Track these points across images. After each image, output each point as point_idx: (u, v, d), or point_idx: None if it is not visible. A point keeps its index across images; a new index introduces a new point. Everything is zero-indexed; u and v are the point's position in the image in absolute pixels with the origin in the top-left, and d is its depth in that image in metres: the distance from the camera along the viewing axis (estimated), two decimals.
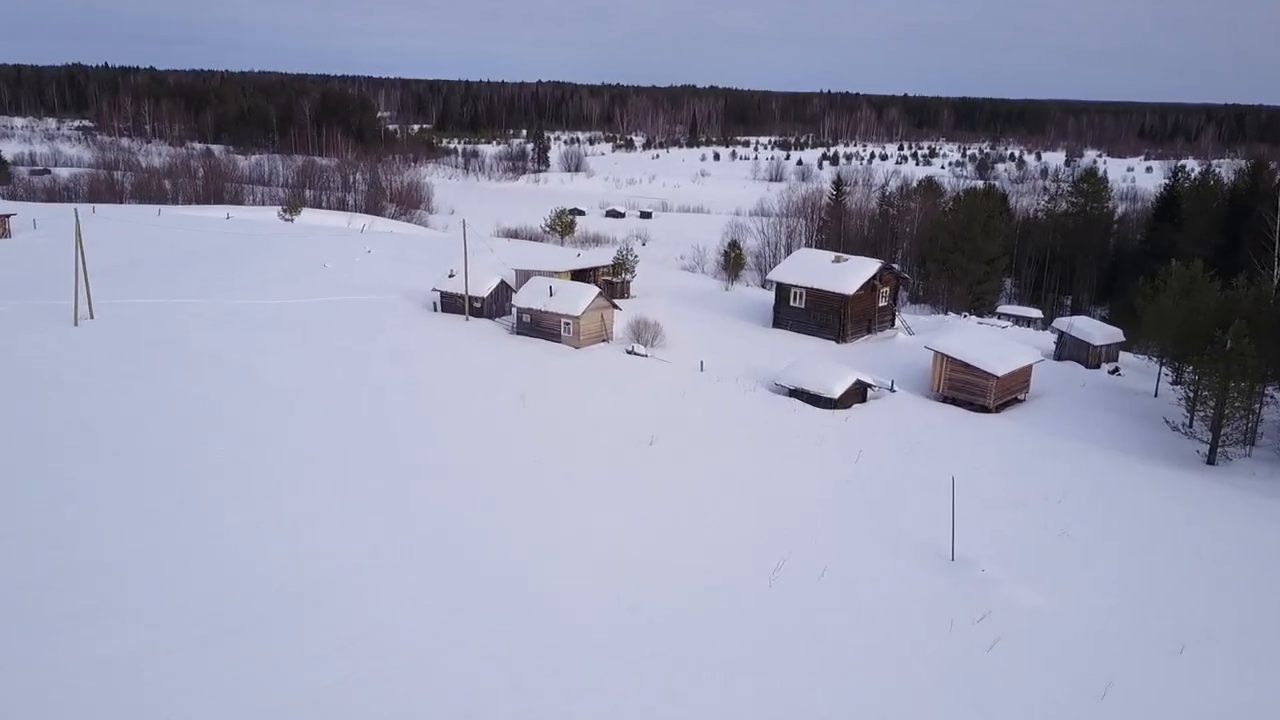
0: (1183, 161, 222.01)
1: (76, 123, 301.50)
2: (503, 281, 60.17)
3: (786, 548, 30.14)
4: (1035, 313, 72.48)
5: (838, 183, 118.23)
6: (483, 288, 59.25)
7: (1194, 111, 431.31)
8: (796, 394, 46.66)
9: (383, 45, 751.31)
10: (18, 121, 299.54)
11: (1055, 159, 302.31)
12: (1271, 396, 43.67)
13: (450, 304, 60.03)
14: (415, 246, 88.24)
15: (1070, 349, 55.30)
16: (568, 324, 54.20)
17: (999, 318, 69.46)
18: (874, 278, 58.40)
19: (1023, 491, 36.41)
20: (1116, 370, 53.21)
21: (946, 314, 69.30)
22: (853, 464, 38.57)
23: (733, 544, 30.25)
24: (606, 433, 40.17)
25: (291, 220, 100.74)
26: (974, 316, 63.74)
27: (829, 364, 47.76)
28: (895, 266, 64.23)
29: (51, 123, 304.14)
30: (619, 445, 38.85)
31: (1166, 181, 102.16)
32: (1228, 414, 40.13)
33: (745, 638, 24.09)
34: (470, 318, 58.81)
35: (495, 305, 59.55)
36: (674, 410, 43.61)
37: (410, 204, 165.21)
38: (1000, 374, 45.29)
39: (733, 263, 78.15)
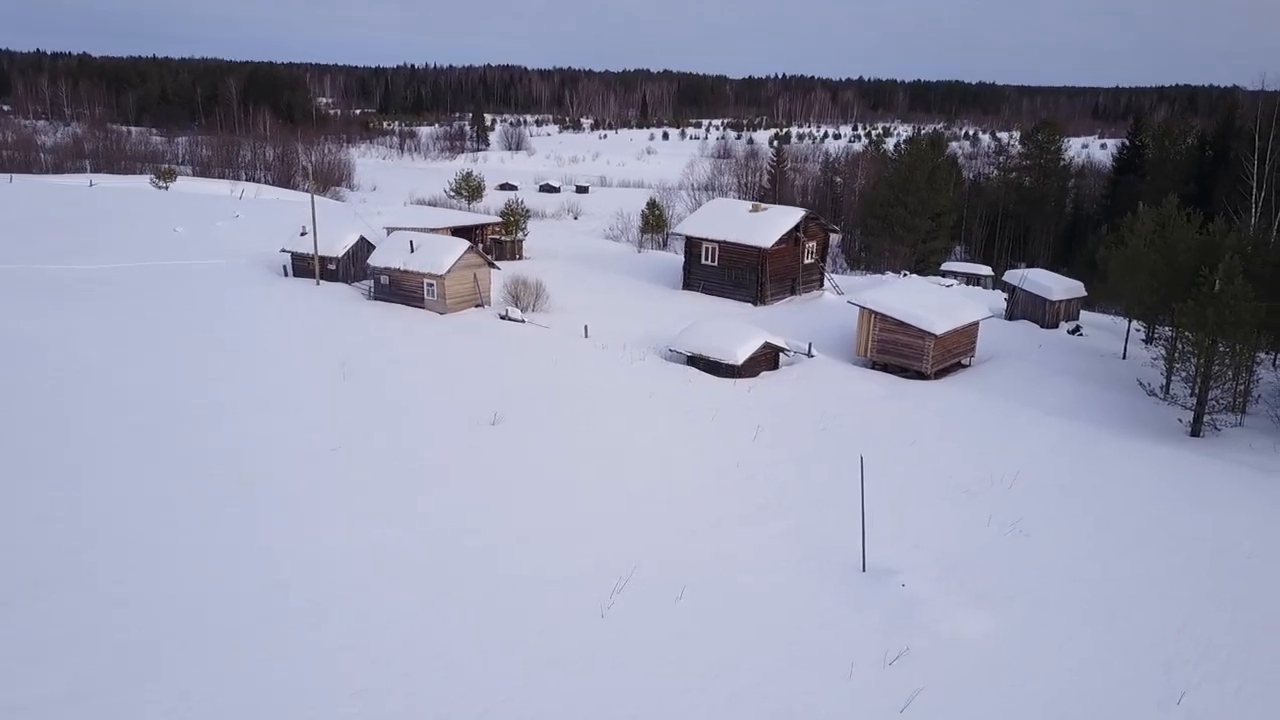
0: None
1: None
2: (362, 239, 50.99)
3: (637, 559, 21.67)
4: (984, 269, 64.15)
5: (779, 148, 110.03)
6: (337, 246, 50.11)
7: (1146, 93, 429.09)
8: (695, 361, 38.20)
9: (332, 35, 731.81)
10: None
11: (1010, 137, 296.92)
12: (1263, 356, 35.90)
13: (303, 266, 50.80)
14: (298, 212, 78.52)
15: (1024, 306, 47.27)
16: (431, 285, 45.24)
17: (944, 276, 61.23)
18: (796, 229, 49.92)
19: (965, 475, 28.19)
20: (1078, 330, 45.32)
21: (884, 274, 61.18)
22: (749, 444, 30.15)
23: (561, 557, 21.73)
24: (441, 410, 31.41)
25: (166, 187, 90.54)
26: (915, 275, 55.61)
27: (734, 325, 39.31)
28: (822, 218, 55.65)
29: None
30: (451, 426, 30.13)
31: (1128, 134, 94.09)
32: (1216, 373, 32.25)
33: (548, 703, 15.63)
34: (322, 281, 49.64)
35: (354, 266, 50.41)
36: (537, 383, 34.93)
37: (330, 180, 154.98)
38: (939, 332, 37.12)
39: (651, 224, 69.47)
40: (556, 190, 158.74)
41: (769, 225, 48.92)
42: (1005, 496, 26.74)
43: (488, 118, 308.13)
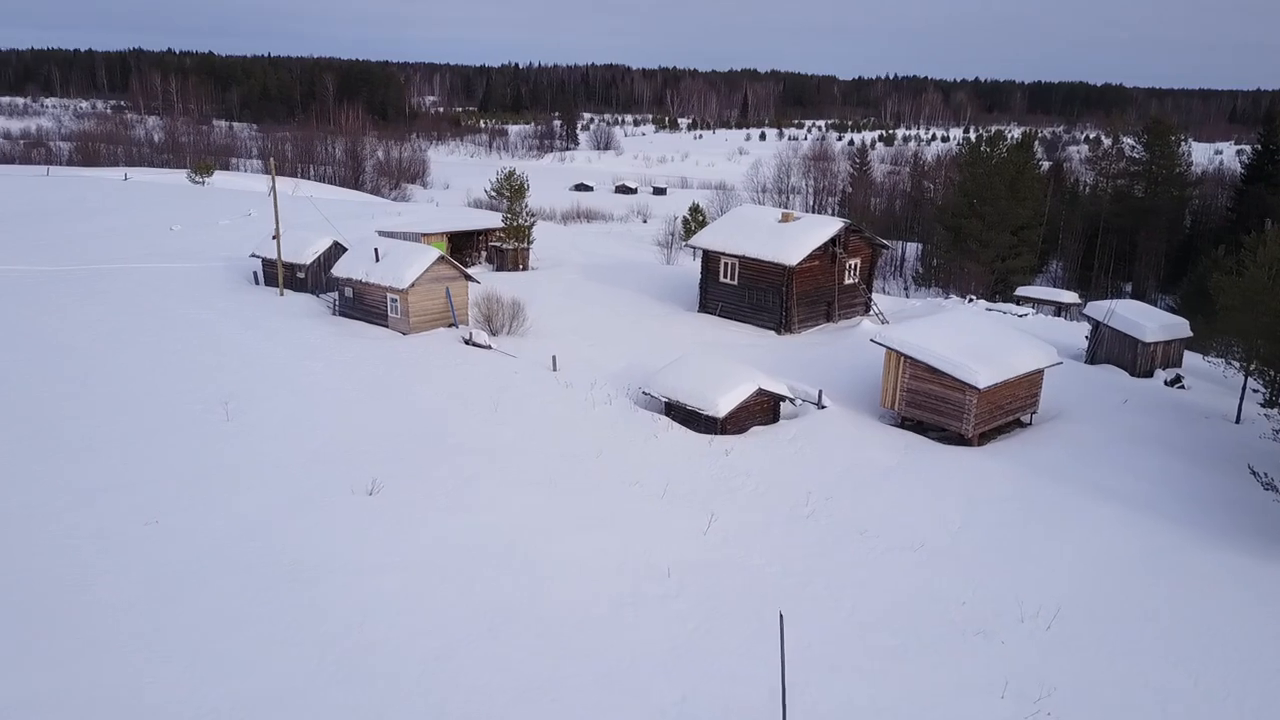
0: None
1: (113, 102, 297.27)
2: (335, 244, 45.16)
3: None
4: (1070, 296, 53.55)
5: (862, 149, 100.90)
6: (305, 252, 44.46)
7: None
8: (672, 410, 30.78)
9: (444, 34, 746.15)
10: (50, 101, 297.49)
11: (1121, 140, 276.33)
12: None
13: (274, 274, 45.30)
14: (327, 209, 73.92)
15: (1109, 347, 37.98)
16: (394, 300, 39.01)
17: (1018, 303, 51.49)
18: (833, 243, 41.75)
19: (981, 604, 20.13)
20: (1178, 380, 35.93)
21: (948, 296, 52.05)
22: (696, 538, 22.64)
23: None
24: (322, 471, 24.94)
25: (202, 183, 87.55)
26: (982, 301, 46.44)
27: (724, 364, 31.68)
28: (867, 230, 47.14)
29: (86, 104, 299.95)
30: (319, 494, 23.64)
31: (1259, 136, 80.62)
32: None
33: None
34: (287, 292, 44.02)
35: (324, 275, 44.62)
36: (456, 435, 28.07)
37: (404, 178, 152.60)
38: (983, 385, 28.74)
39: (693, 232, 62.16)
40: (633, 191, 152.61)
41: (797, 238, 40.92)
42: (1035, 644, 18.68)
43: (585, 116, 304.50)
